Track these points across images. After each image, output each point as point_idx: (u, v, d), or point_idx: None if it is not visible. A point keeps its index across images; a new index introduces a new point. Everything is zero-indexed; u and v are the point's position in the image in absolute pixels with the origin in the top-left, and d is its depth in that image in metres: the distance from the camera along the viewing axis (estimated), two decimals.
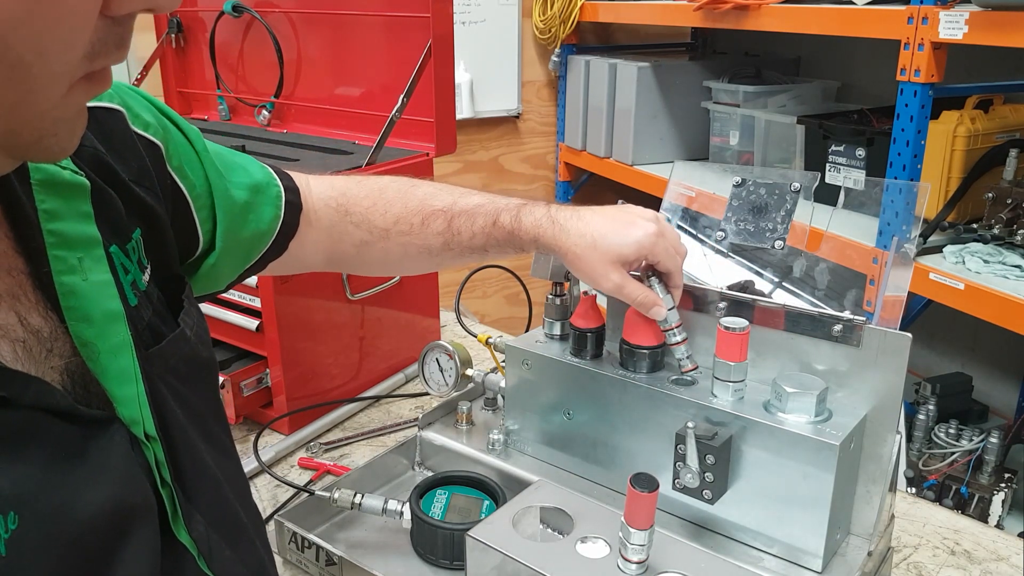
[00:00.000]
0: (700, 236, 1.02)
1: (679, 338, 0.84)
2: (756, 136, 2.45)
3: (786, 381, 0.78)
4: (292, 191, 0.82)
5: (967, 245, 1.82)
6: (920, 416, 2.02)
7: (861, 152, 1.94)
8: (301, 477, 1.14)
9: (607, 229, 0.81)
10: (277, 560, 0.86)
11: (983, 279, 1.69)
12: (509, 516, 0.77)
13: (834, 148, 2.00)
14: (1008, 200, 1.77)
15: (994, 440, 1.88)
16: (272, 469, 1.10)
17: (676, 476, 0.80)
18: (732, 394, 0.81)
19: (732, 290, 0.88)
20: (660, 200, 1.05)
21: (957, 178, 1.89)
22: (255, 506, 0.71)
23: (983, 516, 1.85)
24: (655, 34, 3.21)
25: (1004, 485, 1.87)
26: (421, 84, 1.27)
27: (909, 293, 0.92)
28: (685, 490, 0.80)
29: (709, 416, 0.80)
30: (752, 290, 0.91)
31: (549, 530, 0.79)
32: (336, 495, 0.94)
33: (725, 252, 0.97)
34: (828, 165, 2.01)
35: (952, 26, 1.63)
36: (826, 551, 0.77)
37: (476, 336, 1.19)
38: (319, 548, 0.91)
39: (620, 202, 0.99)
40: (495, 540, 0.74)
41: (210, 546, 0.58)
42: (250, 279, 0.85)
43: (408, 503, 0.92)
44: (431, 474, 1.01)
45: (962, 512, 1.27)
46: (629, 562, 0.70)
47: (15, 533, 0.43)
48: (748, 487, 0.80)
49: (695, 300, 0.88)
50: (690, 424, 0.78)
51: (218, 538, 0.59)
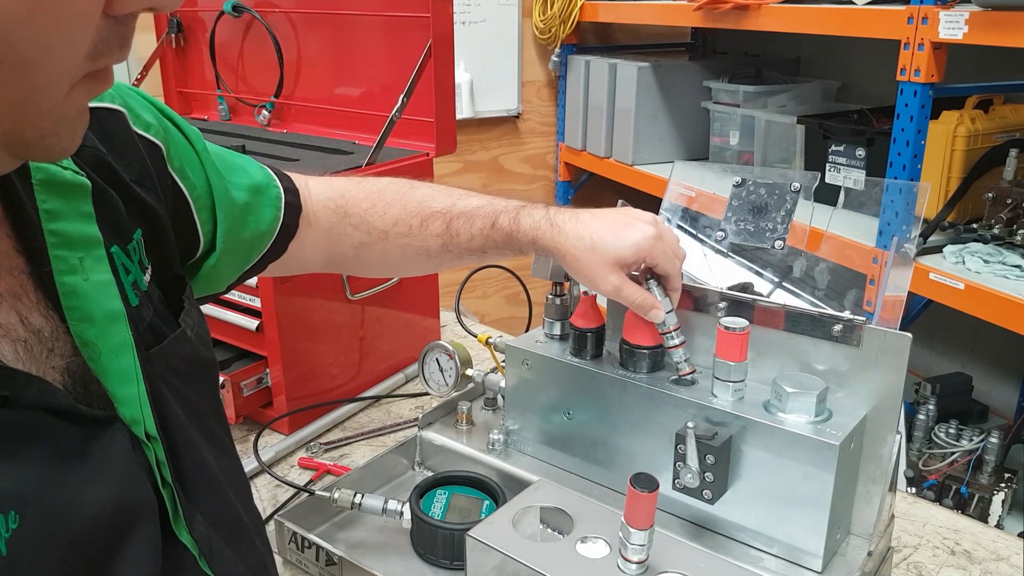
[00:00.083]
0: (700, 236, 1.02)
1: (677, 341, 0.84)
2: (756, 136, 2.45)
3: (786, 381, 0.79)
4: (292, 192, 0.83)
5: (967, 245, 1.82)
6: (920, 416, 2.02)
7: (861, 152, 1.94)
8: (301, 477, 1.14)
9: (606, 232, 0.81)
10: (277, 560, 0.86)
11: (983, 279, 1.69)
12: (509, 516, 0.77)
13: (834, 148, 2.00)
14: (1008, 200, 1.77)
15: (994, 440, 1.89)
16: (272, 469, 1.10)
17: (676, 476, 0.80)
18: (732, 394, 0.81)
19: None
20: (660, 200, 1.05)
21: (957, 178, 1.89)
22: (255, 506, 0.71)
23: (983, 516, 1.85)
24: (655, 34, 3.21)
25: (1004, 485, 1.87)
26: (421, 84, 1.27)
27: (909, 293, 0.92)
28: (685, 490, 0.80)
29: (709, 416, 0.80)
30: (751, 292, 0.91)
31: (549, 530, 0.79)
32: (336, 495, 0.94)
33: (725, 252, 0.97)
34: (828, 165, 2.01)
35: (952, 26, 1.63)
36: (826, 551, 0.78)
37: (476, 336, 1.19)
38: (319, 548, 0.91)
39: (620, 202, 0.99)
40: (495, 540, 0.74)
41: (211, 546, 0.58)
42: (250, 279, 0.86)
43: (408, 503, 0.92)
44: (431, 474, 1.01)
45: (962, 512, 1.27)
46: (629, 562, 0.70)
47: (16, 532, 0.43)
48: (748, 487, 0.80)
49: (695, 300, 0.89)
50: (690, 424, 0.78)
51: (219, 538, 0.59)
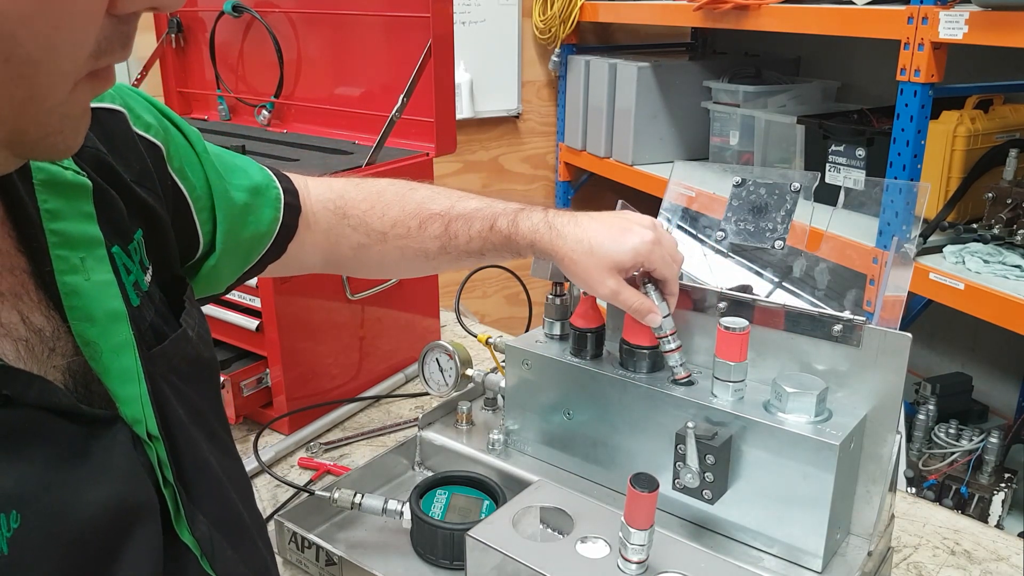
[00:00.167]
0: (700, 236, 1.02)
1: (673, 345, 0.84)
2: (756, 136, 2.45)
3: (786, 381, 0.79)
4: (291, 193, 0.83)
5: (967, 245, 1.82)
6: (920, 416, 2.02)
7: (861, 152, 1.94)
8: (301, 477, 1.14)
9: (604, 236, 0.81)
10: (277, 560, 0.86)
11: (983, 279, 1.69)
12: (509, 516, 0.77)
13: (834, 148, 2.00)
14: (1008, 200, 1.77)
15: (994, 440, 1.89)
16: (272, 469, 1.10)
17: (676, 476, 0.80)
18: (732, 394, 0.81)
19: None
20: (660, 200, 1.05)
21: (957, 178, 1.89)
22: (257, 506, 0.71)
23: (983, 516, 1.85)
24: (655, 34, 3.21)
25: (1004, 485, 1.88)
26: (421, 84, 1.27)
27: (909, 293, 0.92)
28: (685, 490, 0.80)
29: (709, 416, 0.80)
30: (750, 294, 0.91)
31: (549, 530, 0.79)
32: (336, 495, 0.94)
33: (725, 252, 0.97)
34: (828, 165, 2.01)
35: (952, 26, 1.63)
36: (826, 551, 0.78)
37: (476, 336, 1.20)
38: (319, 548, 0.91)
39: (620, 203, 0.99)
40: (495, 540, 0.74)
41: (213, 546, 0.58)
42: (249, 279, 0.86)
43: (408, 503, 0.92)
44: (431, 474, 1.02)
45: (962, 512, 1.27)
46: (629, 562, 0.70)
47: (17, 532, 0.43)
48: (748, 487, 0.80)
49: (695, 300, 0.89)
50: (690, 424, 0.78)
51: (220, 538, 0.59)
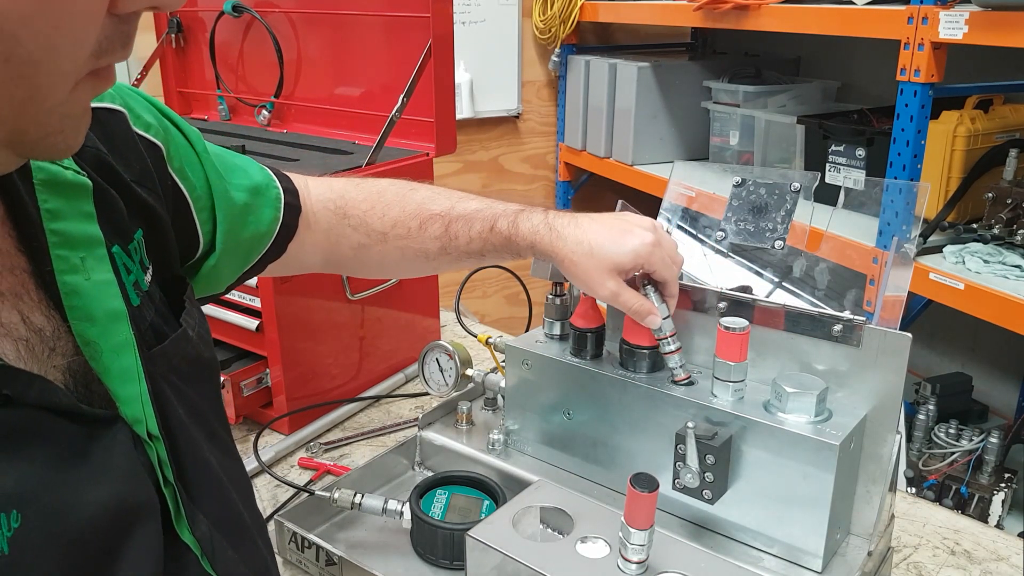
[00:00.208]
0: (700, 236, 1.02)
1: (673, 347, 0.84)
2: (756, 136, 2.45)
3: (786, 381, 0.79)
4: (291, 193, 0.83)
5: (967, 245, 1.82)
6: (920, 416, 2.02)
7: (861, 152, 1.94)
8: (301, 477, 1.14)
9: (604, 237, 0.81)
10: (277, 560, 0.86)
11: (983, 279, 1.69)
12: (509, 516, 0.77)
13: (834, 148, 2.00)
14: (1008, 200, 1.77)
15: (994, 440, 1.89)
16: (272, 469, 1.10)
17: (676, 476, 0.80)
18: (732, 394, 0.81)
19: None
20: (660, 200, 1.05)
21: (957, 178, 1.89)
22: (257, 506, 0.71)
23: (983, 516, 1.85)
24: (655, 34, 3.21)
25: (1004, 485, 1.88)
26: (421, 84, 1.27)
27: (909, 293, 0.92)
28: (685, 490, 0.80)
29: (709, 416, 0.80)
30: (750, 294, 0.91)
31: (549, 530, 0.79)
32: (336, 495, 0.94)
33: (725, 252, 0.97)
34: (828, 165, 2.01)
35: (952, 26, 1.63)
36: (826, 551, 0.78)
37: (476, 336, 1.20)
38: (319, 548, 0.91)
39: (620, 203, 0.99)
40: (495, 540, 0.74)
41: (213, 546, 0.58)
42: (249, 279, 0.86)
43: (408, 503, 0.92)
44: (431, 474, 1.02)
45: (962, 512, 1.27)
46: (629, 562, 0.70)
47: (18, 531, 0.43)
48: (748, 487, 0.80)
49: (695, 300, 0.89)
50: (690, 424, 0.78)
51: (221, 538, 0.59)
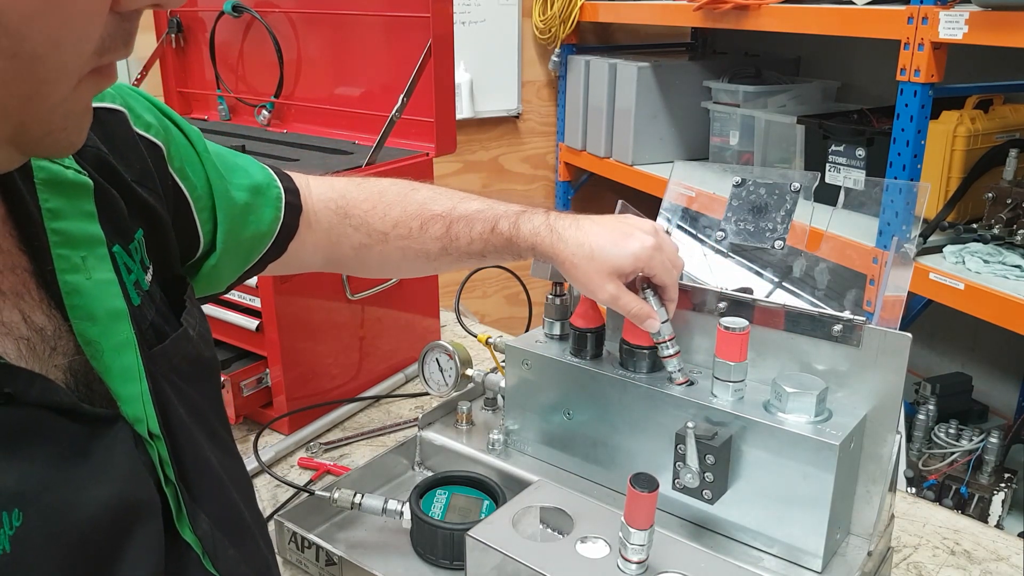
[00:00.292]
0: (700, 236, 1.02)
1: (671, 351, 0.84)
2: (756, 136, 2.45)
3: (786, 381, 0.79)
4: (292, 192, 0.83)
5: (967, 245, 1.82)
6: (920, 416, 2.03)
7: (861, 152, 1.94)
8: (301, 477, 1.14)
9: (605, 240, 0.80)
10: (277, 560, 0.86)
11: (983, 279, 1.69)
12: (509, 516, 0.77)
13: (834, 148, 2.00)
14: (1008, 200, 1.77)
15: (994, 440, 1.89)
16: (272, 469, 1.10)
17: (676, 476, 0.80)
18: (732, 394, 0.81)
19: None
20: (660, 200, 1.05)
21: (957, 178, 1.89)
22: (258, 506, 0.71)
23: (983, 516, 1.85)
24: (655, 34, 3.21)
25: (1004, 485, 1.88)
26: (421, 84, 1.27)
27: (909, 293, 0.92)
28: (685, 490, 0.80)
29: (709, 416, 0.81)
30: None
31: (549, 530, 0.79)
32: (336, 495, 0.94)
33: (725, 252, 0.97)
34: (828, 165, 2.01)
35: (952, 26, 1.63)
36: (826, 551, 0.78)
37: (476, 336, 1.20)
38: (319, 548, 0.91)
39: (620, 203, 0.99)
40: (495, 540, 0.74)
41: (214, 545, 0.58)
42: (250, 279, 0.86)
43: (408, 503, 0.93)
44: (431, 474, 1.02)
45: (962, 512, 1.27)
46: (629, 562, 0.70)
47: (19, 530, 0.43)
48: (748, 487, 0.80)
49: (695, 300, 0.89)
50: (690, 424, 0.78)
51: (222, 537, 0.59)
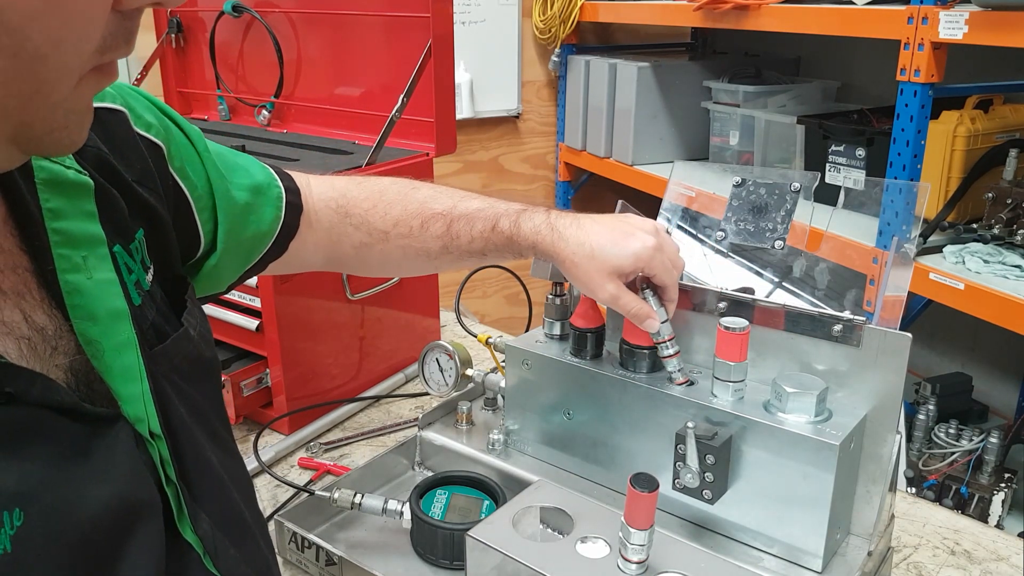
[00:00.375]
0: (700, 236, 1.02)
1: (671, 351, 0.84)
2: (756, 136, 2.45)
3: (786, 381, 0.79)
4: (293, 192, 0.83)
5: (967, 245, 1.82)
6: (920, 416, 2.03)
7: (861, 152, 1.94)
8: (301, 477, 1.14)
9: (606, 240, 0.80)
10: (278, 560, 0.86)
11: (983, 279, 1.69)
12: (509, 516, 0.77)
13: (834, 148, 2.00)
14: (1008, 200, 1.77)
15: (994, 440, 1.89)
16: (272, 469, 1.10)
17: (676, 476, 0.80)
18: (732, 394, 0.81)
19: None
20: (660, 200, 1.05)
21: (957, 178, 1.89)
22: (258, 506, 0.71)
23: (983, 516, 1.85)
24: (655, 34, 3.21)
25: (1004, 485, 1.88)
26: (421, 84, 1.27)
27: (909, 293, 0.92)
28: (685, 490, 0.80)
29: (709, 416, 0.81)
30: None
31: (549, 530, 0.79)
32: (336, 495, 0.94)
33: (725, 252, 0.97)
34: (828, 165, 2.01)
35: (952, 26, 1.63)
36: (826, 551, 0.78)
37: (476, 336, 1.20)
38: (319, 548, 0.91)
39: (620, 203, 0.99)
40: (495, 540, 0.74)
41: (215, 545, 0.58)
42: (250, 279, 0.86)
43: (408, 503, 0.93)
44: (431, 474, 1.02)
45: (962, 512, 1.27)
46: (629, 562, 0.70)
47: (20, 530, 0.43)
48: (748, 487, 0.80)
49: (695, 300, 0.89)
50: (690, 424, 0.78)
51: (223, 537, 0.59)
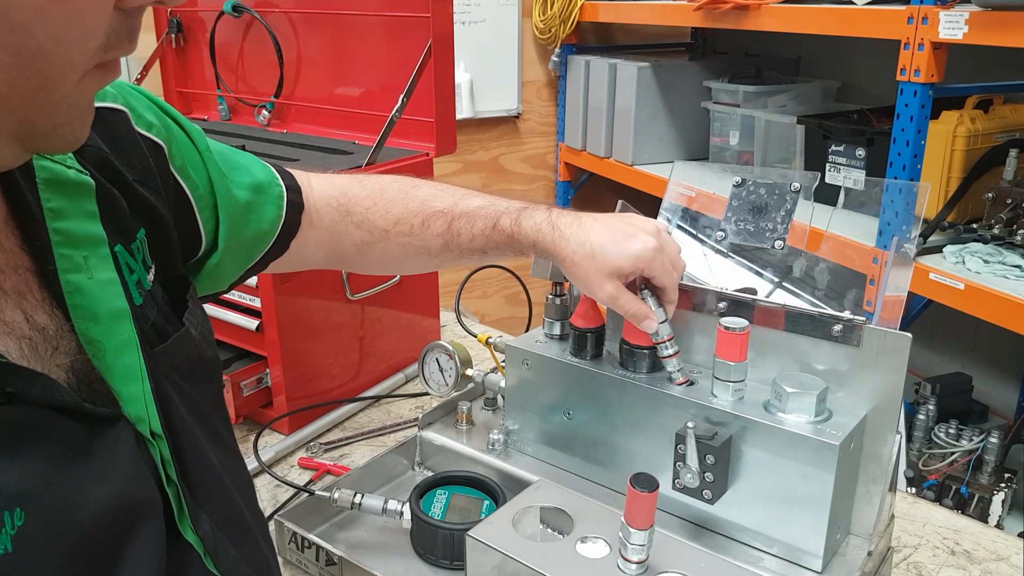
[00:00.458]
0: (700, 236, 1.02)
1: (671, 351, 0.84)
2: (756, 136, 2.45)
3: (786, 381, 0.79)
4: (294, 190, 0.83)
5: (967, 245, 1.82)
6: (920, 416, 2.03)
7: (861, 152, 1.95)
8: (301, 477, 1.14)
9: (607, 240, 0.80)
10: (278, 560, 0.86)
11: (983, 279, 1.69)
12: (509, 516, 0.77)
13: (834, 148, 2.00)
14: (1008, 200, 1.77)
15: (994, 440, 1.89)
16: (272, 469, 1.10)
17: (676, 476, 0.80)
18: (732, 394, 0.81)
19: None
20: (660, 200, 1.05)
21: (957, 178, 1.89)
22: (259, 506, 0.71)
23: (983, 516, 1.85)
24: (655, 34, 3.21)
25: (1004, 485, 1.88)
26: (421, 84, 1.27)
27: (909, 293, 0.92)
28: (685, 490, 0.80)
29: (709, 416, 0.81)
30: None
31: (549, 530, 0.79)
32: (336, 495, 0.94)
33: (725, 252, 0.97)
34: (828, 165, 2.01)
35: (952, 26, 1.63)
36: (826, 551, 0.78)
37: (476, 336, 1.20)
38: (319, 548, 0.91)
39: (620, 203, 0.99)
40: (495, 540, 0.74)
41: (216, 545, 0.58)
42: (250, 279, 0.86)
43: (408, 503, 0.93)
44: (431, 474, 1.02)
45: (962, 512, 1.27)
46: (629, 562, 0.70)
47: (21, 530, 0.43)
48: (748, 487, 0.80)
49: (695, 300, 0.89)
50: (690, 424, 0.78)
51: (223, 537, 0.59)
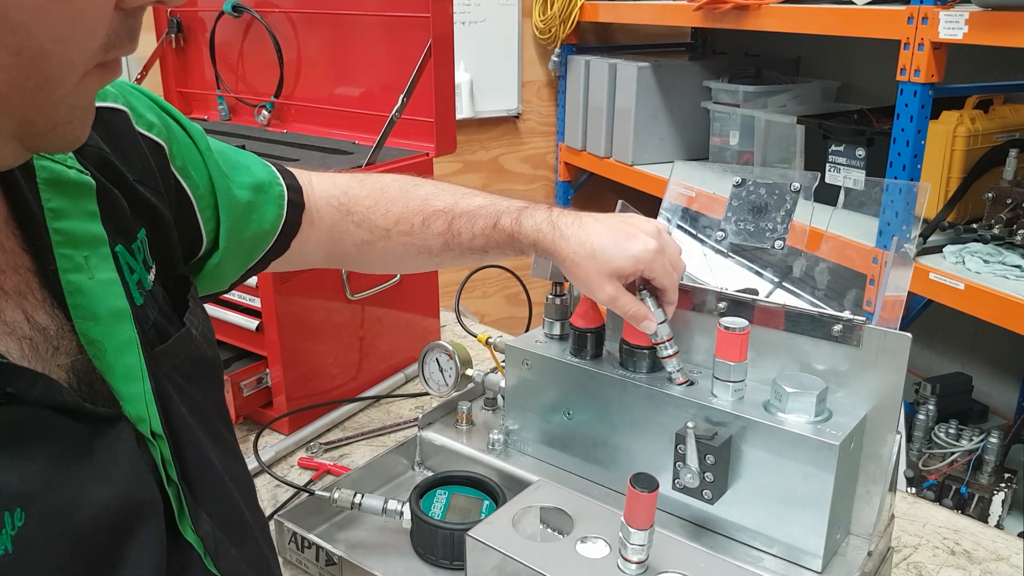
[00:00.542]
0: (700, 236, 1.02)
1: (670, 352, 0.84)
2: (756, 136, 2.45)
3: (786, 381, 0.79)
4: (295, 190, 0.83)
5: (967, 245, 1.82)
6: (920, 416, 2.03)
7: (861, 152, 1.95)
8: (301, 477, 1.14)
9: (607, 240, 0.80)
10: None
11: (983, 279, 1.69)
12: (509, 516, 0.77)
13: (834, 148, 2.00)
14: (1008, 200, 1.77)
15: (994, 440, 1.89)
16: (272, 469, 1.10)
17: (676, 476, 0.80)
18: (732, 394, 0.81)
19: None
20: (660, 200, 1.05)
21: (957, 178, 1.89)
22: (259, 506, 0.71)
23: (983, 516, 1.85)
24: (655, 34, 3.21)
25: (1004, 485, 1.88)
26: (421, 84, 1.27)
27: (909, 293, 0.92)
28: (685, 490, 0.80)
29: (709, 416, 0.81)
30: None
31: (549, 530, 0.79)
32: (336, 495, 0.94)
33: (725, 252, 0.97)
34: (828, 165, 2.01)
35: (952, 26, 1.63)
36: (826, 551, 0.78)
37: (476, 336, 1.20)
38: (319, 548, 0.91)
39: (620, 203, 0.99)
40: (495, 540, 0.74)
41: (216, 545, 0.58)
42: (250, 278, 0.86)
43: (408, 503, 0.93)
44: (431, 474, 1.02)
45: (962, 512, 1.27)
46: (629, 562, 0.70)
47: (22, 530, 0.43)
48: (748, 487, 0.80)
49: (695, 300, 0.89)
50: (690, 424, 0.78)
51: (224, 537, 0.59)
